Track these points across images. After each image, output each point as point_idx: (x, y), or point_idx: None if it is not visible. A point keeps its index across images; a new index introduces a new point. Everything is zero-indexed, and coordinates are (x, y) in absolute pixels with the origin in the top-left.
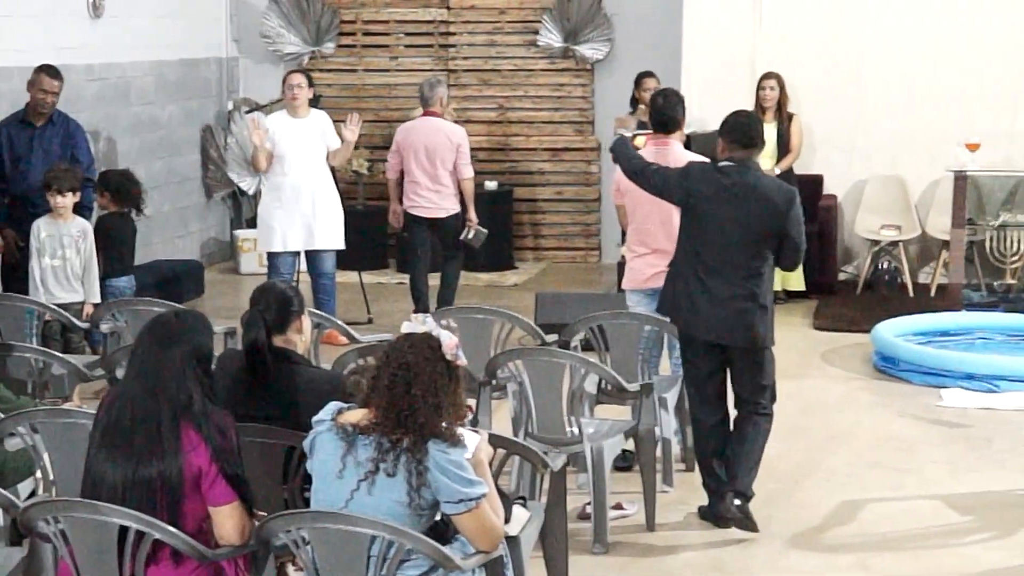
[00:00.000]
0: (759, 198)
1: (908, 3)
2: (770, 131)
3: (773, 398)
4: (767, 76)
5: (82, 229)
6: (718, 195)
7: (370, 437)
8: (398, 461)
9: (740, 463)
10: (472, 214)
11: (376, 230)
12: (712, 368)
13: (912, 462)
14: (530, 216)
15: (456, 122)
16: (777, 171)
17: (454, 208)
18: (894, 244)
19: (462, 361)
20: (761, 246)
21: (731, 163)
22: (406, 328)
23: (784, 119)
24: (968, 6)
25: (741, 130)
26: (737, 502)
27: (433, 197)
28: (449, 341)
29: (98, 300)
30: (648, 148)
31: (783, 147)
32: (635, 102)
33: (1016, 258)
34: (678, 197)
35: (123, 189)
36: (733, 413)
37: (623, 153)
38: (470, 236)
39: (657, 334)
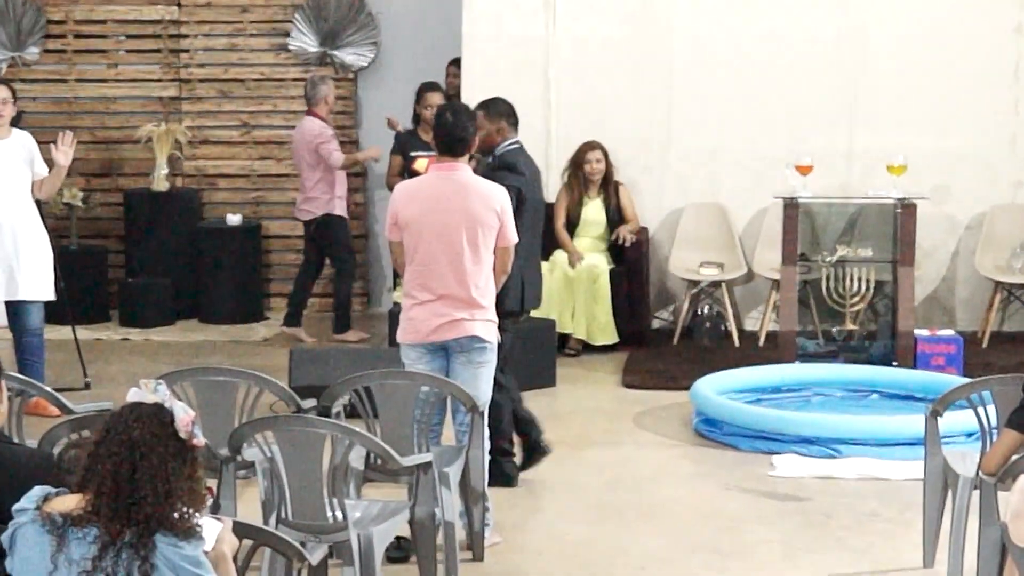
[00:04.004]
0: None
1: (724, 3)
2: (597, 209)
3: None
4: (590, 148)
5: None
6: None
7: (85, 530)
8: (119, 558)
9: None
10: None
11: (94, 274)
12: None
13: (740, 543)
14: (283, 256)
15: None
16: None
17: (316, 211)
18: (716, 285)
19: (199, 441)
20: None
21: (519, 144)
22: (133, 396)
23: (612, 192)
24: (795, 5)
25: (515, 110)
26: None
27: (299, 199)
28: (184, 416)
29: None
30: (431, 174)
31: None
32: (417, 119)
33: (856, 299)
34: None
35: None
36: None
37: None
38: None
39: (437, 396)
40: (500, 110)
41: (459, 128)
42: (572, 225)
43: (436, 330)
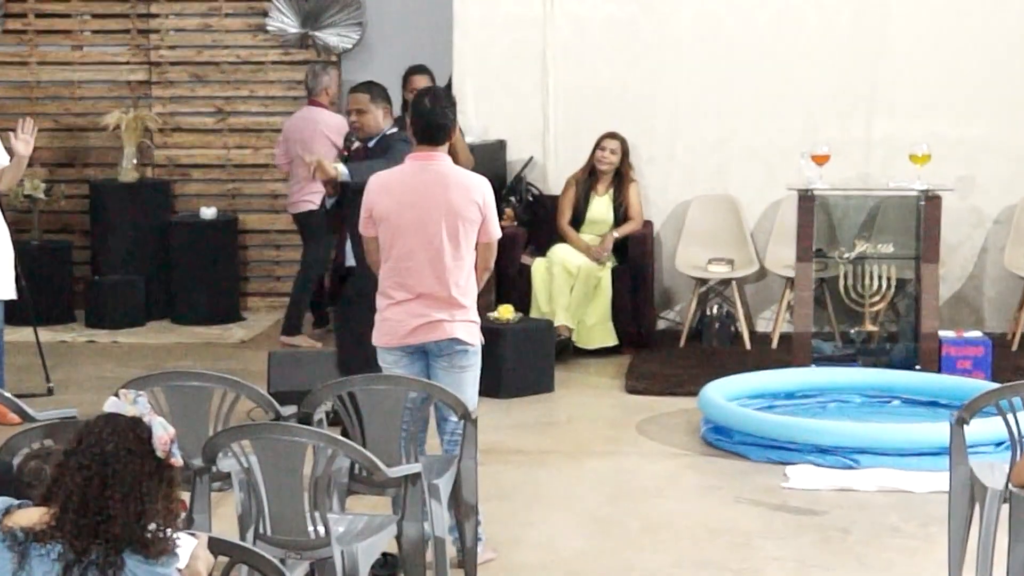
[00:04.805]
0: None
1: None
2: (604, 206)
3: None
4: (610, 136)
5: None
6: None
7: (48, 546)
8: None
9: None
10: None
11: (58, 271)
12: None
13: (750, 560)
14: (261, 252)
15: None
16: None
17: (312, 204)
18: (725, 283)
19: (177, 460)
20: None
21: (398, 130)
22: (110, 407)
23: (624, 188)
24: None
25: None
26: None
27: (295, 189)
28: (163, 434)
29: None
30: (408, 164)
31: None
32: (405, 105)
33: (876, 298)
34: None
35: None
36: None
37: None
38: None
39: (424, 402)
40: (383, 94)
41: (438, 114)
42: (576, 222)
43: (413, 332)
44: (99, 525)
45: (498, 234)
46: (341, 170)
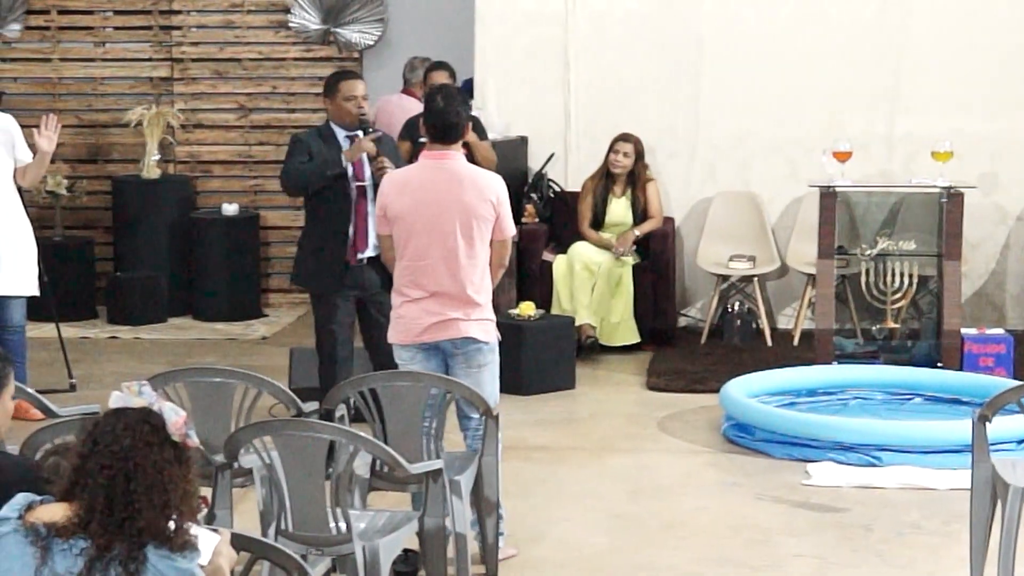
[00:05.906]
0: None
1: None
2: (623, 208)
3: None
4: (623, 138)
5: None
6: None
7: (71, 541)
8: (107, 573)
9: None
10: None
11: (80, 267)
12: None
13: (771, 557)
14: (282, 248)
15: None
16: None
17: None
18: (747, 280)
19: (193, 442)
20: None
21: None
22: (116, 401)
23: (641, 188)
24: None
25: None
26: None
27: None
28: (176, 418)
29: None
30: (422, 163)
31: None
32: None
33: (898, 296)
34: None
35: None
36: None
37: None
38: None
39: (445, 398)
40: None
41: (451, 112)
42: (596, 225)
43: (428, 329)
44: (125, 521)
45: (512, 232)
46: None
